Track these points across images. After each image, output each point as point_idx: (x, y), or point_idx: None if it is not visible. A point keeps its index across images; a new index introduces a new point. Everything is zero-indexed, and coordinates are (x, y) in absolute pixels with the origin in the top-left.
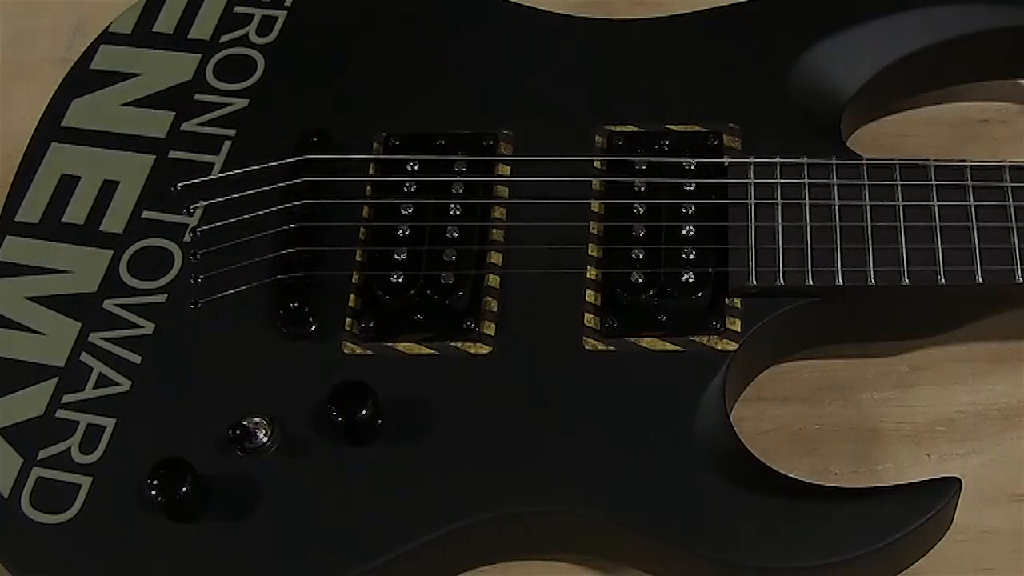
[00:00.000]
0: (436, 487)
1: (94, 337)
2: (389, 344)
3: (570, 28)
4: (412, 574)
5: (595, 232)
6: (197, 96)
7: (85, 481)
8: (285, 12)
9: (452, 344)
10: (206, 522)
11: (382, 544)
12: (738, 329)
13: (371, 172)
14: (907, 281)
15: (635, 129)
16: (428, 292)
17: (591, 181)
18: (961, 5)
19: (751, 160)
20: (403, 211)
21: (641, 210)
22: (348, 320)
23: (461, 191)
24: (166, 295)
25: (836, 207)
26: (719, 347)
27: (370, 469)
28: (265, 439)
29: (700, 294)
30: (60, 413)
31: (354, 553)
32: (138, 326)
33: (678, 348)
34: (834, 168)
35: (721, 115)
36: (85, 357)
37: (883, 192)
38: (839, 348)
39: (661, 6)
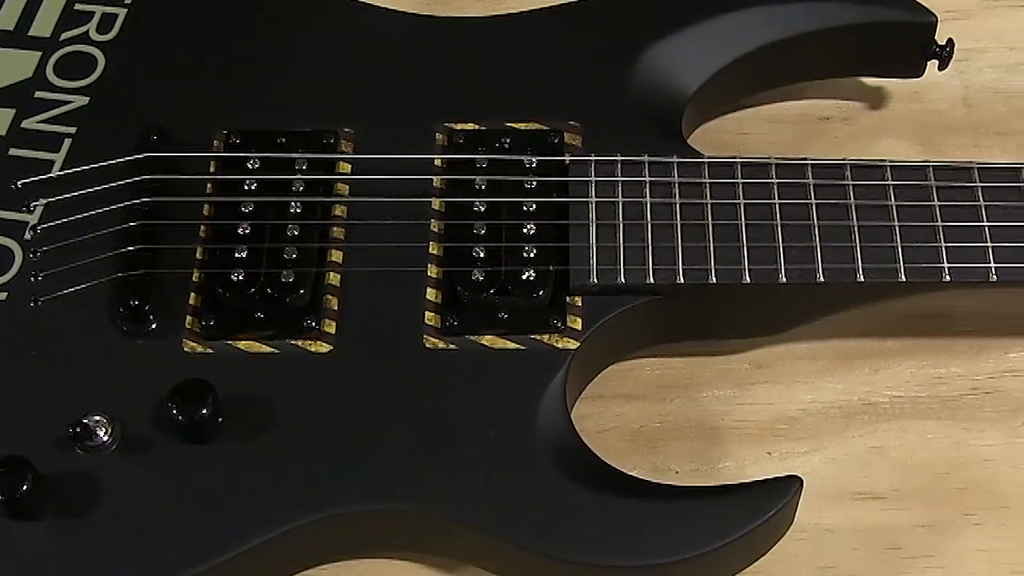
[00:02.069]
0: (276, 485)
1: None
2: (230, 342)
3: (411, 25)
4: (253, 572)
5: (436, 230)
6: (37, 94)
7: None
8: (125, 9)
9: (292, 342)
10: (47, 520)
11: (222, 543)
12: (579, 327)
13: (212, 170)
14: (748, 280)
15: (476, 127)
16: (268, 290)
17: (432, 179)
18: (802, 3)
19: (592, 158)
20: (243, 209)
21: (482, 208)
22: (189, 318)
23: (302, 189)
24: (6, 293)
25: (677, 205)
26: (560, 345)
27: (211, 467)
28: (105, 437)
29: (541, 292)
30: None
31: (195, 551)
32: None
33: (519, 346)
34: (675, 166)
35: (562, 113)
36: None
37: (724, 190)
38: (681, 346)
39: (503, 3)
